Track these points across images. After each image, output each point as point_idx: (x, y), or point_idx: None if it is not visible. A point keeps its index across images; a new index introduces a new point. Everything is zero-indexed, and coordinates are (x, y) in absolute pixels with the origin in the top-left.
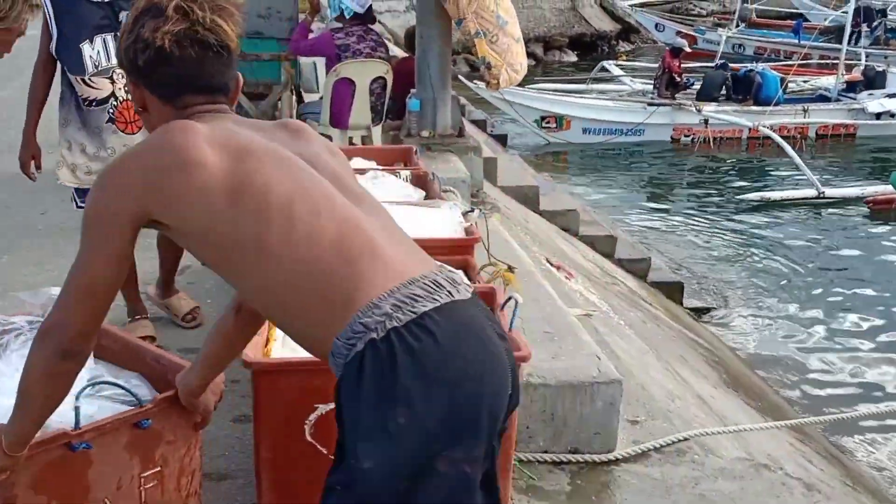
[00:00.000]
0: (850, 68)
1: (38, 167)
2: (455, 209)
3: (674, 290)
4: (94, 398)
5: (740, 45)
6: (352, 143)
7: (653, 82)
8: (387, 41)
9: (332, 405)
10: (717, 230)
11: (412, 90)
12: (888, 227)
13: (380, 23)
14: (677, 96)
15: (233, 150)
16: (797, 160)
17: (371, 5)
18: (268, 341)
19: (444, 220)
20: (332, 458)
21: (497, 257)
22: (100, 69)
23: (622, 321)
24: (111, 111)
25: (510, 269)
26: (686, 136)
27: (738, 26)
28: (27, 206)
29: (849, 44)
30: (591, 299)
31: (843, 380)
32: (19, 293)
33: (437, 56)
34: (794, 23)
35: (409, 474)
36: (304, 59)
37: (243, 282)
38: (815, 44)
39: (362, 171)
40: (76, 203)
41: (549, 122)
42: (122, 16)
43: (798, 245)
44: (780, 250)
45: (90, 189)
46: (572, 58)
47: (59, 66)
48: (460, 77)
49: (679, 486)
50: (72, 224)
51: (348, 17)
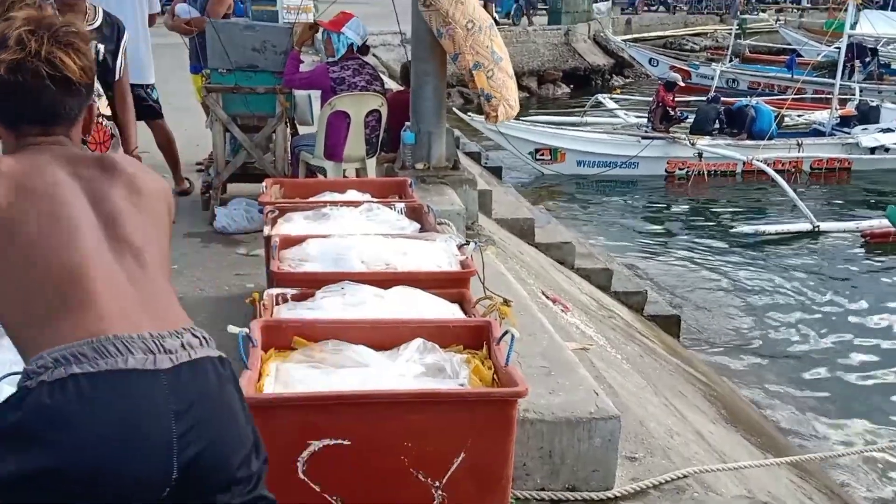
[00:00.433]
0: (844, 103)
1: None
2: (450, 242)
3: (670, 324)
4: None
5: (734, 80)
6: (346, 175)
7: (647, 115)
8: (381, 74)
9: (327, 442)
10: (712, 263)
11: (407, 123)
12: (885, 261)
13: (374, 55)
14: (671, 130)
15: (19, 188)
16: (792, 194)
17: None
18: (260, 376)
19: (439, 253)
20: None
21: (493, 290)
22: None
23: (619, 355)
24: None
25: (506, 302)
26: (680, 169)
27: (731, 61)
28: None
29: (842, 79)
30: (588, 333)
31: (844, 415)
32: None
33: (432, 89)
34: (787, 58)
35: None
36: (299, 92)
37: None
38: (809, 78)
39: (357, 204)
40: None
41: (543, 155)
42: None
43: (794, 278)
44: (776, 284)
45: None
46: (566, 91)
47: None
48: (455, 110)
49: None
50: None
51: (345, 50)
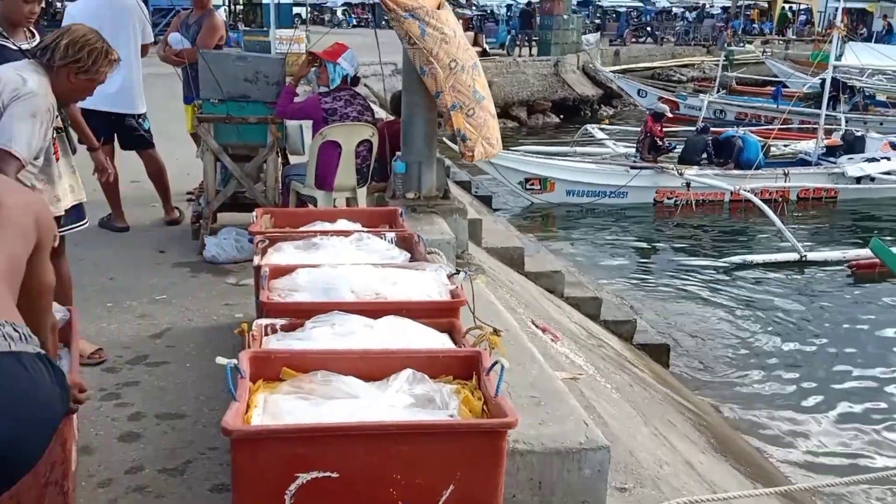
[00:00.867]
0: (829, 133)
1: None
2: (440, 271)
3: (660, 353)
4: None
5: (722, 111)
6: (336, 204)
7: (635, 146)
8: (372, 104)
9: (315, 475)
10: (701, 292)
11: (398, 152)
12: (871, 291)
13: (365, 86)
14: (659, 160)
15: None
16: (779, 224)
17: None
18: (248, 408)
19: (429, 283)
20: None
21: (482, 320)
22: None
23: (609, 384)
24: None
25: (496, 332)
26: (669, 198)
27: (718, 92)
28: None
29: (828, 109)
30: (578, 362)
31: (832, 444)
32: None
33: (422, 119)
34: (773, 89)
35: None
36: (290, 122)
37: None
38: (795, 109)
39: (347, 233)
40: None
41: (533, 184)
42: None
43: (783, 308)
44: (764, 313)
45: None
46: (556, 121)
47: None
48: (445, 139)
49: None
50: None
51: (340, 80)
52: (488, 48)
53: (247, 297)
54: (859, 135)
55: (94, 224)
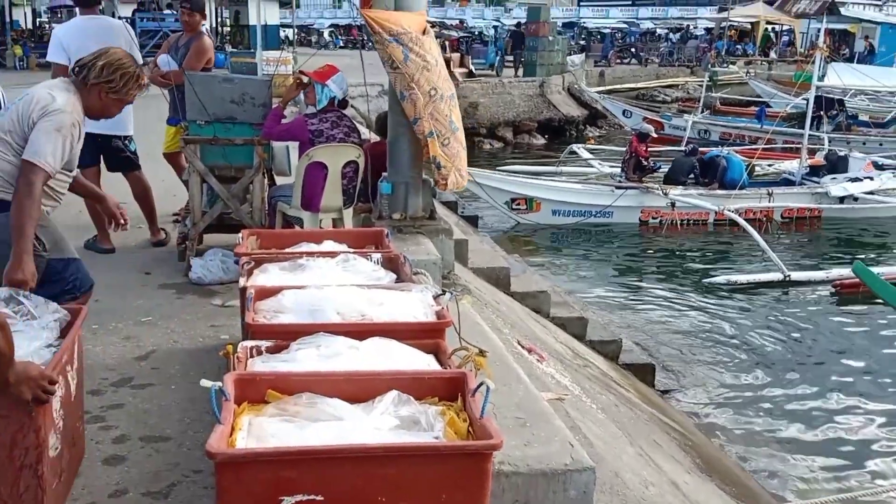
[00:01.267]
0: (813, 153)
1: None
2: (426, 292)
3: (645, 372)
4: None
5: (706, 131)
6: (322, 225)
7: (620, 166)
8: (359, 125)
9: (300, 498)
10: (686, 312)
11: (384, 173)
12: (855, 310)
13: (352, 107)
14: (644, 179)
15: None
16: (762, 244)
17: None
18: (232, 431)
19: (415, 304)
20: None
21: (468, 341)
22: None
23: (594, 405)
24: None
25: (481, 353)
26: (654, 218)
27: (703, 112)
28: None
29: (811, 129)
30: (563, 382)
31: (818, 463)
32: None
33: (408, 140)
34: (756, 109)
35: None
36: (276, 143)
37: None
38: (779, 129)
39: (333, 254)
40: None
41: (519, 205)
42: None
43: (768, 327)
44: (750, 332)
45: None
46: (541, 141)
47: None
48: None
49: None
50: None
51: (327, 102)
52: (474, 69)
53: (233, 319)
54: (842, 155)
55: (79, 246)
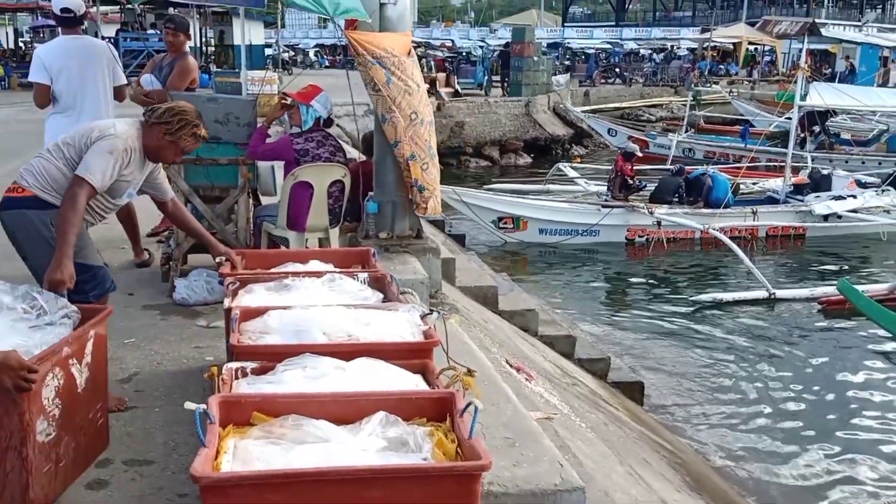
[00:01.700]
0: (796, 171)
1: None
2: (413, 312)
3: (634, 390)
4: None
5: (690, 150)
6: (308, 245)
7: (606, 184)
8: (345, 144)
9: None
10: (674, 329)
11: (370, 192)
12: (841, 327)
13: (338, 126)
14: (630, 198)
15: None
16: (747, 262)
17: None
18: (217, 454)
19: (402, 324)
20: None
21: (456, 360)
22: None
23: (583, 423)
24: None
25: (469, 372)
26: (640, 237)
27: (687, 131)
28: None
29: (795, 148)
30: (552, 401)
31: (807, 479)
32: None
33: (394, 160)
34: (740, 128)
35: None
36: (262, 163)
37: None
38: (762, 148)
39: (319, 274)
40: None
41: (506, 223)
42: None
43: (755, 345)
44: (737, 350)
45: None
46: (527, 160)
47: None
48: None
49: None
50: None
51: (312, 122)
52: (460, 89)
53: (217, 340)
54: (826, 173)
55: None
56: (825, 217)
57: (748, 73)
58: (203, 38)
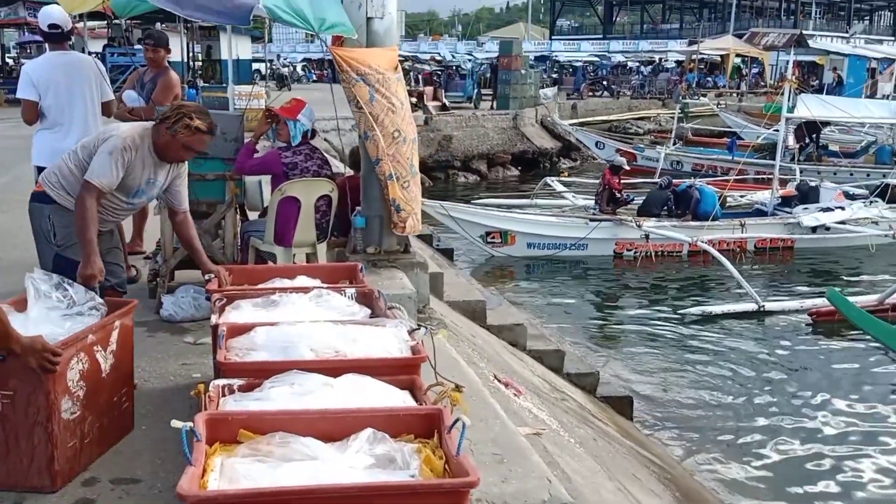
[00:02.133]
0: (784, 184)
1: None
2: (401, 327)
3: (623, 405)
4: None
5: (678, 162)
6: (296, 260)
7: (594, 198)
8: (332, 159)
9: None
10: (663, 343)
11: (358, 207)
12: (831, 338)
13: (326, 140)
14: (618, 212)
15: None
16: (736, 275)
17: None
18: (204, 472)
19: (390, 339)
20: None
21: (444, 376)
22: None
23: (572, 439)
24: None
25: (457, 388)
26: (628, 250)
27: (675, 144)
28: None
29: (783, 160)
30: (541, 417)
31: (798, 493)
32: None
33: None
34: (728, 141)
35: None
36: (249, 178)
37: None
38: (750, 160)
39: (307, 290)
40: None
41: (493, 238)
42: None
43: (744, 358)
44: (727, 363)
45: None
46: (515, 174)
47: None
48: None
49: None
50: None
51: (301, 136)
52: (448, 102)
53: (205, 357)
54: (813, 185)
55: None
56: (813, 229)
57: (736, 86)
58: (190, 53)
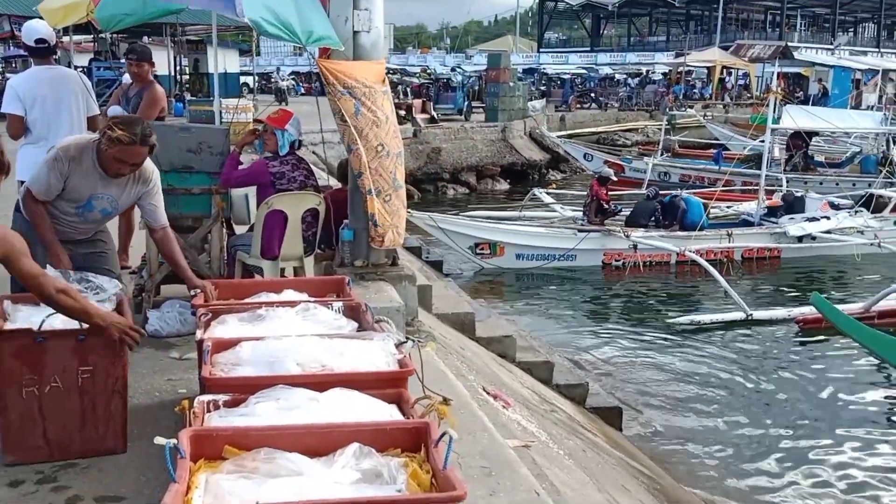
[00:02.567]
0: (770, 194)
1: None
2: (388, 340)
3: (612, 416)
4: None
5: (666, 173)
6: (283, 274)
7: (582, 209)
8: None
9: None
10: (651, 353)
11: (345, 220)
12: (818, 345)
13: (314, 153)
14: (606, 222)
15: None
16: (724, 284)
17: None
18: (188, 489)
19: (377, 353)
20: None
21: (432, 389)
22: None
23: (561, 450)
24: None
25: (445, 401)
26: (617, 260)
27: (662, 155)
28: None
29: (770, 170)
30: (530, 429)
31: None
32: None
33: None
34: (714, 152)
35: None
36: (235, 191)
37: None
38: (737, 170)
39: (293, 304)
40: None
41: (482, 249)
42: None
43: (733, 366)
44: (715, 372)
45: None
46: (504, 186)
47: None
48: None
49: None
50: None
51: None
52: (437, 115)
53: (190, 372)
54: (799, 195)
55: None
56: (800, 238)
57: (721, 98)
58: (178, 67)
